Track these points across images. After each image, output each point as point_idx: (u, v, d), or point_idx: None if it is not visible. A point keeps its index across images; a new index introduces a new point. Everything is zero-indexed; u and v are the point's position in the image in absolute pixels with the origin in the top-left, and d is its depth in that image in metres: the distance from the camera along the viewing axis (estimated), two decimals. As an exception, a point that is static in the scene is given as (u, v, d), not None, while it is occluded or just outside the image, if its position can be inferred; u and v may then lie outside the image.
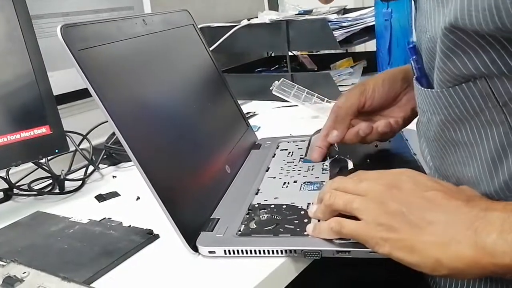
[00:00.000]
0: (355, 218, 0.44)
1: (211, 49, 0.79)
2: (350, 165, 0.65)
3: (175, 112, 0.60)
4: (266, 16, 1.17)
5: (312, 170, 0.65)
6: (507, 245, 0.37)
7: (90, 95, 0.46)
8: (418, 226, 0.41)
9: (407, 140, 0.72)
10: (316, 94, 0.99)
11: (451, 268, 0.40)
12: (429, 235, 0.40)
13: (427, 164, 0.60)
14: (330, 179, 0.61)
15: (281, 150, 0.76)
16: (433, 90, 0.47)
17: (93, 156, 0.79)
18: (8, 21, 0.65)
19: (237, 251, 0.48)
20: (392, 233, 0.42)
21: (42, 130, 0.68)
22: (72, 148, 0.77)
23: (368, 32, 1.15)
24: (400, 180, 0.45)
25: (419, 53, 0.51)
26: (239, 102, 0.81)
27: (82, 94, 0.93)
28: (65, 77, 0.86)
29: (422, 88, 0.49)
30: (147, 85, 0.57)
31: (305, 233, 0.49)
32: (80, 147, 0.79)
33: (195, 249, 0.50)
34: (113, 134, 0.86)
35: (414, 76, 0.52)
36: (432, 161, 0.56)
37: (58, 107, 0.71)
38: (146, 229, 0.57)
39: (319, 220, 0.49)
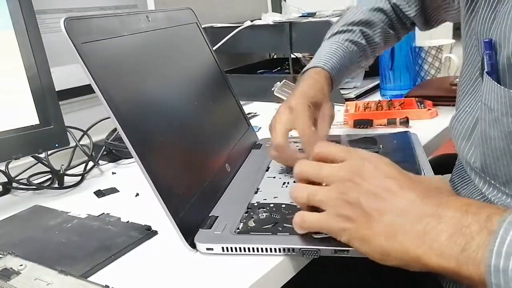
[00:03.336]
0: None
1: (213, 49, 0.79)
2: None
3: (177, 109, 0.60)
4: (269, 18, 1.18)
5: None
6: (456, 249, 0.37)
7: (91, 92, 0.46)
8: (370, 216, 0.41)
9: (412, 142, 0.72)
10: (318, 96, 0.99)
11: (397, 259, 0.40)
12: (378, 226, 0.41)
13: (466, 162, 0.59)
14: None
15: (281, 150, 0.76)
16: None
17: (93, 152, 0.79)
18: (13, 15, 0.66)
19: (235, 248, 0.48)
20: (349, 223, 0.42)
21: (43, 124, 0.68)
22: (72, 143, 0.77)
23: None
24: (363, 167, 0.44)
25: (494, 49, 0.51)
26: (241, 103, 0.81)
27: (83, 90, 0.93)
28: (67, 73, 0.86)
29: (501, 86, 0.48)
30: (150, 81, 0.57)
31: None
32: (81, 143, 0.79)
33: (193, 245, 0.50)
34: (114, 130, 0.86)
35: (485, 71, 0.51)
36: (480, 159, 0.55)
37: (59, 102, 0.71)
38: (145, 225, 0.56)
39: None
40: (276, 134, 0.64)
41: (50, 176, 0.76)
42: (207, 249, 0.49)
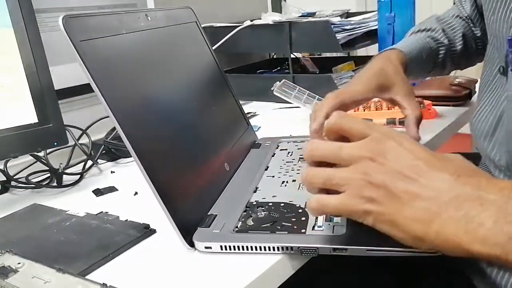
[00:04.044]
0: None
1: (213, 49, 0.79)
2: None
3: (176, 108, 0.60)
4: (269, 17, 1.18)
5: None
6: (502, 236, 0.35)
7: (90, 91, 0.46)
8: (400, 199, 0.39)
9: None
10: (317, 97, 0.99)
11: (433, 245, 0.38)
12: (411, 210, 0.38)
13: (490, 160, 0.58)
14: None
15: (280, 150, 0.76)
16: None
17: (92, 151, 0.79)
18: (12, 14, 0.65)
19: (234, 247, 0.48)
20: (374, 205, 0.40)
21: (42, 122, 0.68)
22: (71, 142, 0.77)
23: (371, 36, 1.15)
24: (386, 145, 0.41)
25: None
26: (240, 102, 0.81)
27: (82, 89, 0.93)
28: (66, 72, 0.86)
29: None
30: (149, 80, 0.57)
31: (302, 230, 0.49)
32: (80, 141, 0.79)
33: (191, 244, 0.49)
34: (113, 129, 0.86)
35: (510, 68, 0.51)
36: (506, 156, 0.55)
37: (59, 101, 0.71)
38: (143, 223, 0.56)
39: None
40: (315, 118, 0.64)
41: (48, 174, 0.76)
42: (206, 247, 0.49)
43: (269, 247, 0.47)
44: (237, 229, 0.51)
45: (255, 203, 0.57)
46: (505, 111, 0.56)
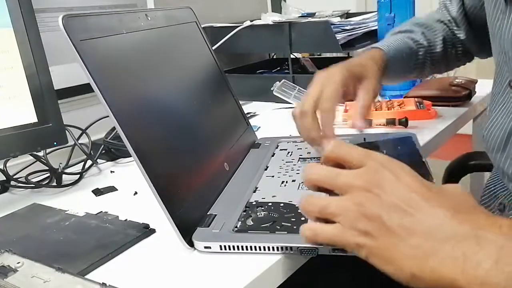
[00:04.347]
0: None
1: (213, 49, 0.79)
2: None
3: (175, 108, 0.60)
4: (269, 18, 1.18)
5: None
6: (503, 277, 0.34)
7: (90, 91, 0.46)
8: (395, 235, 0.38)
9: (416, 145, 0.69)
10: (317, 96, 0.99)
11: (428, 283, 0.37)
12: (406, 247, 0.37)
13: (504, 173, 0.58)
14: None
15: (280, 149, 0.76)
16: None
17: (91, 151, 0.79)
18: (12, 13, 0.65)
19: (233, 247, 0.48)
20: (368, 239, 0.39)
21: (42, 122, 0.68)
22: (71, 142, 0.77)
23: (371, 36, 1.15)
24: (382, 177, 0.40)
25: None
26: (240, 102, 0.81)
27: (82, 89, 0.93)
28: (66, 72, 0.86)
29: None
30: (148, 80, 0.57)
31: (302, 231, 0.49)
32: (79, 141, 0.79)
33: (190, 244, 0.49)
34: (112, 129, 0.86)
35: None
36: None
37: (58, 101, 0.71)
38: (143, 223, 0.56)
39: None
40: (304, 101, 0.63)
41: (48, 174, 0.76)
42: (205, 247, 0.49)
43: (268, 247, 0.47)
44: (236, 229, 0.51)
45: (254, 203, 0.57)
46: None
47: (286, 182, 0.62)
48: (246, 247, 0.48)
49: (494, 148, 0.60)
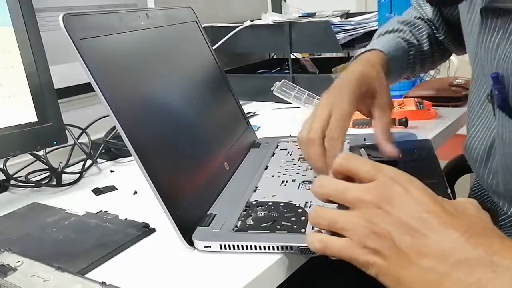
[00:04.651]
0: None
1: (213, 48, 0.79)
2: None
3: (176, 107, 0.60)
4: (269, 18, 1.18)
5: (310, 169, 0.65)
6: None
7: (90, 90, 0.46)
8: (407, 256, 0.37)
9: (434, 151, 0.67)
10: (317, 97, 0.99)
11: None
12: (418, 270, 0.36)
13: (488, 185, 0.58)
14: None
15: (280, 149, 0.76)
16: None
17: (91, 150, 0.79)
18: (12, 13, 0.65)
19: (233, 246, 0.48)
20: (378, 258, 0.38)
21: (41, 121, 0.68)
22: (71, 141, 0.77)
23: (371, 36, 1.14)
24: (393, 192, 0.39)
25: (502, 83, 0.50)
26: (240, 102, 0.81)
27: (82, 89, 0.93)
28: (66, 71, 0.86)
29: None
30: (149, 79, 0.57)
31: (302, 230, 0.49)
32: (79, 141, 0.79)
33: (190, 243, 0.49)
34: (112, 129, 0.86)
35: (496, 105, 0.51)
36: (504, 184, 0.55)
37: (58, 100, 0.70)
38: (142, 222, 0.56)
39: None
40: (311, 126, 0.58)
41: (48, 173, 0.76)
42: (205, 246, 0.49)
43: (268, 247, 0.47)
44: (236, 228, 0.51)
45: (254, 202, 0.57)
46: (497, 146, 0.55)
47: (286, 181, 0.62)
48: (246, 246, 0.48)
49: (476, 160, 0.59)
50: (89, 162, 0.79)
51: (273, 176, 0.65)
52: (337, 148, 0.57)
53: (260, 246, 0.48)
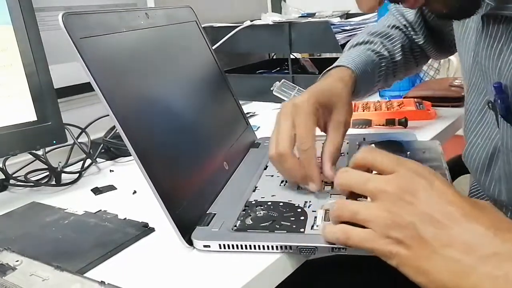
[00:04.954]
0: None
1: (213, 48, 0.79)
2: None
3: (175, 107, 0.60)
4: (269, 18, 1.18)
5: None
6: None
7: (89, 90, 0.46)
8: (431, 245, 0.37)
9: (442, 153, 0.66)
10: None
11: None
12: (440, 260, 0.36)
13: (490, 194, 0.57)
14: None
15: (279, 149, 0.75)
16: None
17: (91, 150, 0.79)
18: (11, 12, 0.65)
19: (232, 245, 0.48)
20: (401, 248, 0.38)
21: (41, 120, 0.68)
22: (70, 141, 0.77)
23: (370, 37, 1.15)
24: (416, 184, 0.39)
25: (505, 92, 0.50)
26: (239, 102, 0.81)
27: (81, 88, 0.93)
28: (65, 71, 0.86)
29: None
30: (148, 78, 0.57)
31: (301, 230, 0.49)
32: (79, 140, 0.79)
33: (190, 242, 0.49)
34: (112, 128, 0.86)
35: (500, 114, 0.51)
36: (507, 194, 0.54)
37: (58, 100, 0.70)
38: (142, 222, 0.56)
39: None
40: (278, 140, 0.56)
41: (47, 173, 0.76)
42: (204, 246, 0.49)
43: (267, 246, 0.47)
44: (236, 228, 0.51)
45: (254, 202, 0.56)
46: (499, 155, 0.55)
47: (286, 181, 0.62)
48: (245, 246, 0.48)
49: (477, 169, 0.58)
50: (88, 161, 0.79)
51: (272, 176, 0.65)
52: (311, 158, 0.55)
53: (259, 246, 0.48)
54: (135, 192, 0.67)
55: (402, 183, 0.40)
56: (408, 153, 0.66)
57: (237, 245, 0.48)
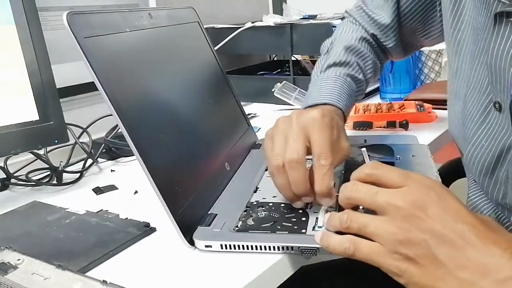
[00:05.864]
0: None
1: (214, 49, 0.79)
2: None
3: (177, 107, 0.60)
4: (270, 19, 1.18)
5: None
6: None
7: (91, 90, 0.46)
8: (446, 267, 0.36)
9: (431, 157, 0.67)
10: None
11: None
12: (455, 282, 0.35)
13: (494, 198, 0.57)
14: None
15: (281, 150, 0.75)
16: None
17: (92, 150, 0.79)
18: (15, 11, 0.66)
19: (234, 246, 0.48)
20: (411, 265, 0.37)
21: (43, 120, 0.68)
22: (71, 140, 0.77)
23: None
24: (427, 198, 0.38)
25: None
26: (241, 103, 0.81)
27: (83, 88, 0.93)
28: (68, 71, 0.86)
29: None
30: (151, 78, 0.57)
31: (303, 231, 0.49)
32: (80, 140, 0.79)
33: (191, 242, 0.49)
34: (113, 128, 0.86)
35: None
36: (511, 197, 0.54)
37: (60, 100, 0.71)
38: (143, 221, 0.56)
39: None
40: (291, 146, 0.51)
41: (49, 172, 0.76)
42: (206, 246, 0.49)
43: (269, 247, 0.47)
44: (237, 228, 0.51)
45: (255, 203, 0.57)
46: (508, 156, 0.53)
47: (287, 182, 0.62)
48: (247, 246, 0.48)
49: (481, 171, 0.57)
50: (89, 161, 0.79)
51: (273, 177, 0.65)
52: (330, 175, 0.50)
53: (260, 246, 0.48)
54: (136, 192, 0.67)
55: (412, 197, 0.39)
56: (398, 156, 0.66)
57: (238, 246, 0.48)
